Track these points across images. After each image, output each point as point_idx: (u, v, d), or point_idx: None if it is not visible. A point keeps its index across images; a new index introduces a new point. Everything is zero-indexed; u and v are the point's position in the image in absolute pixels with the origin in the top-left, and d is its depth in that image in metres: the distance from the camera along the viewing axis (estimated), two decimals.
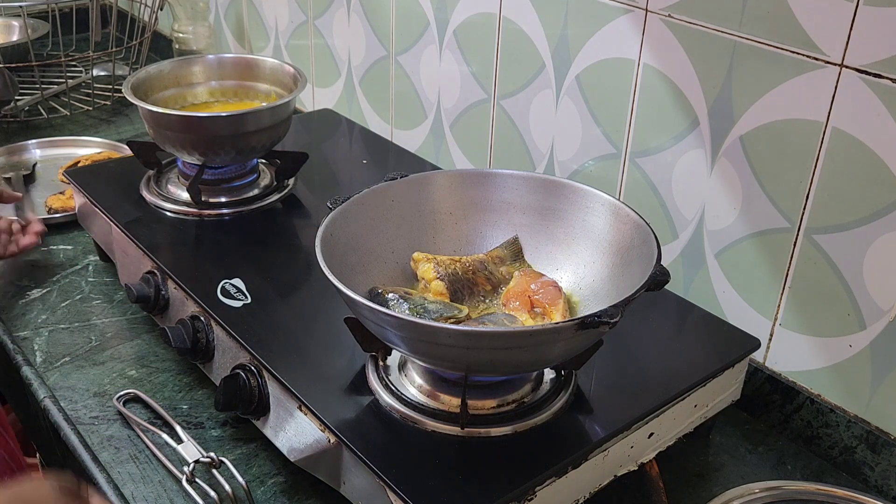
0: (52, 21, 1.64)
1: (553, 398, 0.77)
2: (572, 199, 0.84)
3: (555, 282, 0.80)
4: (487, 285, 0.83)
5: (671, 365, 0.83)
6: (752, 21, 0.84)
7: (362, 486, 0.71)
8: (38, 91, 1.61)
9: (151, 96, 1.13)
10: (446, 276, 0.81)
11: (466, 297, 0.81)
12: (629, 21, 0.95)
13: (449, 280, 0.81)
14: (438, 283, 0.80)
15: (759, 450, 0.90)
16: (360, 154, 1.26)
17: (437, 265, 0.81)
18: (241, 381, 0.80)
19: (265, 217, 1.06)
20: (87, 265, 1.15)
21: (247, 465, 0.83)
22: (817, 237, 0.84)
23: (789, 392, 0.90)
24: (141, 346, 1.00)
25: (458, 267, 0.82)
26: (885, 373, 0.83)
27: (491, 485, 0.67)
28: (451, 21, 1.19)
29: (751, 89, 0.86)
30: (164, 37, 1.82)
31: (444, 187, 0.87)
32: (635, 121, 0.99)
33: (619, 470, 0.77)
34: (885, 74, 0.75)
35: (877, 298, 0.81)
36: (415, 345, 0.71)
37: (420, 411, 0.74)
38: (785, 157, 0.85)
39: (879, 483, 0.85)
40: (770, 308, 0.91)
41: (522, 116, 1.13)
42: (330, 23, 1.43)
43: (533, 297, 0.79)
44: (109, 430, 0.87)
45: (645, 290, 0.69)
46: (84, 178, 1.12)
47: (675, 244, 0.99)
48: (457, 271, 0.82)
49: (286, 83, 1.16)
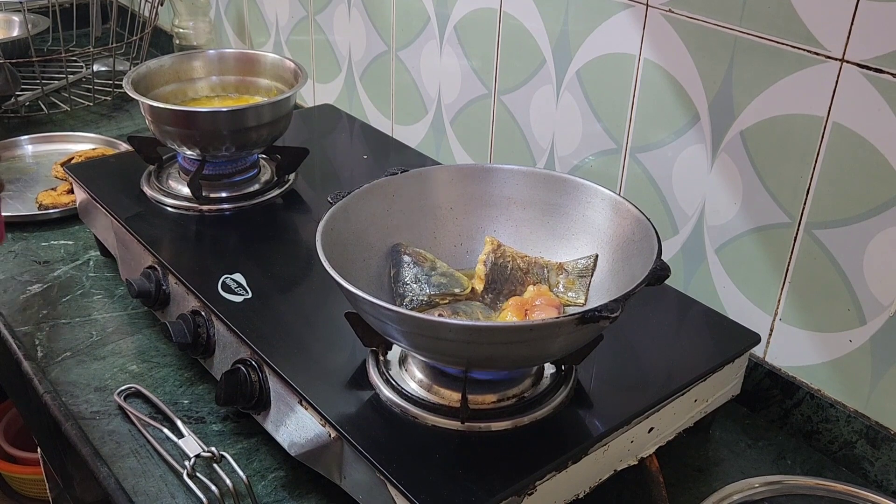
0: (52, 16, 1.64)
1: (553, 393, 0.77)
2: (573, 195, 0.84)
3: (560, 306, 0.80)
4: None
5: (671, 360, 0.83)
6: (752, 16, 0.84)
7: (363, 481, 0.71)
8: (38, 86, 1.61)
9: (152, 91, 1.13)
10: (493, 265, 0.83)
11: (503, 288, 0.82)
12: (630, 16, 0.95)
13: (492, 269, 0.82)
14: (481, 268, 0.83)
15: (759, 444, 0.90)
16: (360, 149, 1.26)
17: (493, 252, 0.83)
18: (242, 376, 0.80)
19: (266, 212, 1.06)
20: (87, 260, 1.15)
21: (247, 459, 0.83)
22: (817, 232, 0.84)
23: (789, 387, 0.90)
24: (142, 341, 1.00)
25: (512, 263, 0.83)
26: (885, 368, 0.83)
27: (491, 479, 0.67)
28: (452, 16, 1.19)
29: (751, 84, 0.86)
30: (165, 32, 1.82)
31: (445, 182, 0.87)
32: (636, 116, 0.99)
33: (619, 464, 0.77)
34: (886, 69, 0.75)
35: (877, 293, 0.81)
36: (415, 339, 0.71)
37: (420, 406, 0.74)
38: (785, 152, 0.85)
39: (879, 478, 0.85)
40: (770, 303, 0.91)
41: (523, 111, 1.13)
42: (330, 18, 1.43)
43: (530, 311, 0.79)
44: (110, 425, 0.87)
45: (645, 285, 0.69)
46: (85, 174, 1.12)
47: (676, 239, 0.99)
48: (506, 265, 0.83)
49: (287, 78, 1.16)
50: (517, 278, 0.83)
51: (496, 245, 0.84)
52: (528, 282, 0.83)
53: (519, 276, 0.83)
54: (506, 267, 0.83)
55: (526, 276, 0.83)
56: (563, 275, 0.83)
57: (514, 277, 0.83)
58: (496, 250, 0.84)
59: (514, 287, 0.83)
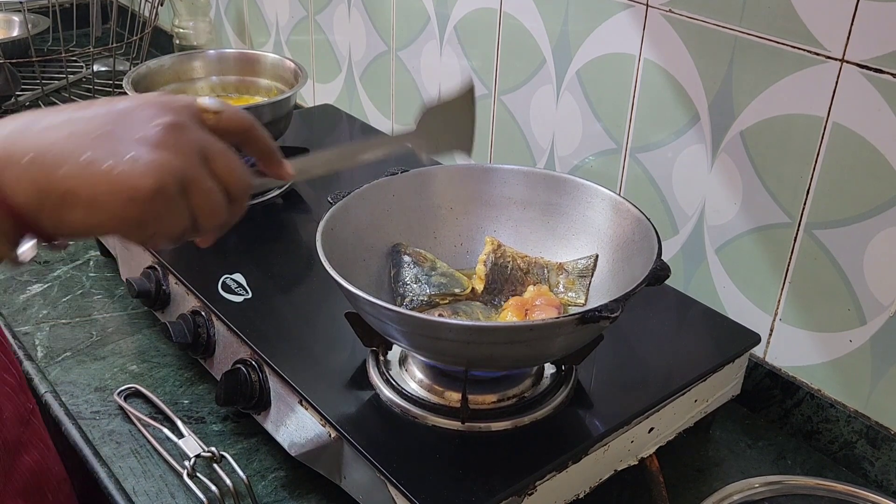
0: (52, 16, 1.64)
1: (553, 393, 0.77)
2: (573, 195, 0.84)
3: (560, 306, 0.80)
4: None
5: (671, 360, 0.83)
6: (752, 16, 0.84)
7: (363, 481, 0.71)
8: (38, 86, 1.61)
9: (152, 91, 1.13)
10: (493, 265, 0.83)
11: (503, 288, 0.83)
12: (630, 16, 0.95)
13: (492, 269, 0.83)
14: (481, 268, 0.83)
15: (759, 444, 0.90)
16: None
17: (493, 252, 0.83)
18: (242, 376, 0.80)
19: (266, 212, 1.06)
20: (87, 260, 1.15)
21: (248, 459, 0.83)
22: (818, 232, 0.84)
23: (789, 387, 0.90)
24: (142, 341, 1.00)
25: (512, 263, 0.83)
26: (886, 368, 0.83)
27: (491, 479, 0.67)
28: (452, 16, 1.19)
29: (751, 84, 0.86)
30: (165, 32, 1.82)
31: (445, 182, 0.87)
32: (636, 116, 0.99)
33: (620, 464, 0.77)
34: (886, 69, 0.75)
35: (877, 293, 0.81)
36: (415, 339, 0.71)
37: (420, 406, 0.74)
38: (785, 152, 0.85)
39: (879, 478, 0.85)
40: (770, 303, 0.91)
41: (523, 112, 1.13)
42: (330, 18, 1.43)
43: (530, 311, 0.79)
44: (110, 425, 0.87)
45: (645, 285, 0.69)
46: None
47: (676, 239, 0.99)
48: (506, 265, 0.83)
49: (287, 78, 1.16)
50: (517, 278, 0.83)
51: (496, 245, 0.84)
52: (528, 282, 0.83)
53: (519, 276, 0.83)
54: (506, 267, 0.83)
55: (526, 277, 0.83)
56: (563, 275, 0.83)
57: (514, 277, 0.83)
58: (496, 250, 0.84)
59: (514, 287, 0.83)
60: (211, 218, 0.49)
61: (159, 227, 0.47)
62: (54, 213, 0.45)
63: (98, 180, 0.44)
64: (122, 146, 0.45)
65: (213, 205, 0.49)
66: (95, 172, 0.44)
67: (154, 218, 0.46)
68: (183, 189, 0.47)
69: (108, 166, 0.44)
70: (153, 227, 0.47)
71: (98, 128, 0.45)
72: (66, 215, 0.45)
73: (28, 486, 0.75)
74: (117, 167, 0.44)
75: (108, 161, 0.44)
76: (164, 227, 0.47)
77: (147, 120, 0.46)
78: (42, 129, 0.45)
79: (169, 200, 0.46)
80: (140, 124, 0.46)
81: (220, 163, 0.49)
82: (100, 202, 0.44)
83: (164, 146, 0.46)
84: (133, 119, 0.46)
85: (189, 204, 0.48)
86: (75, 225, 0.46)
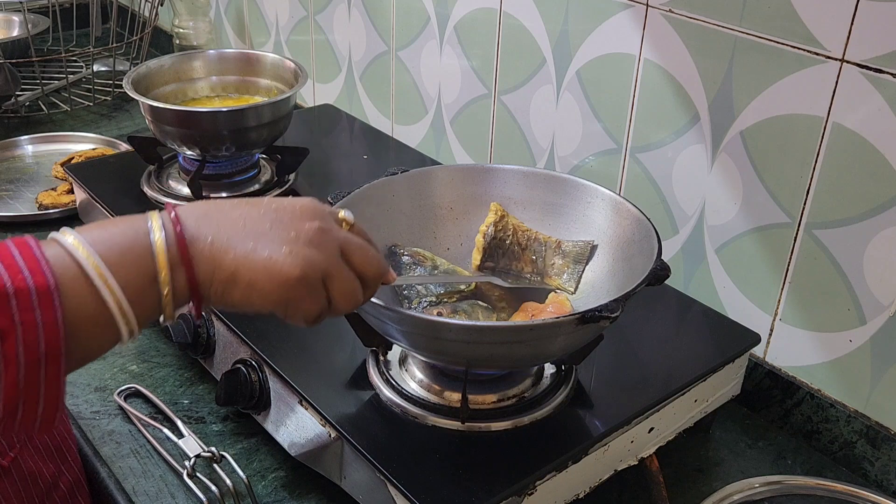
0: (52, 16, 1.64)
1: (553, 393, 0.77)
2: (573, 195, 0.84)
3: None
4: (529, 266, 0.84)
5: (671, 360, 0.83)
6: (752, 16, 0.84)
7: (363, 481, 0.71)
8: (38, 86, 1.61)
9: (152, 91, 1.13)
10: (492, 236, 0.83)
11: (499, 262, 0.84)
12: (630, 16, 0.95)
13: (490, 241, 0.83)
14: (480, 239, 0.84)
15: (759, 445, 0.90)
16: (360, 149, 1.26)
17: (495, 224, 0.84)
18: (242, 376, 0.80)
19: None
20: None
21: (247, 459, 0.83)
22: (817, 232, 0.84)
23: (789, 387, 0.90)
24: (142, 341, 1.00)
25: (512, 237, 0.84)
26: (885, 368, 0.83)
27: (491, 479, 0.67)
28: (452, 16, 1.19)
29: (751, 84, 0.86)
30: (165, 32, 1.82)
31: (445, 182, 0.87)
32: (636, 116, 0.99)
33: (620, 464, 0.77)
34: (886, 69, 0.75)
35: (877, 293, 0.81)
36: (416, 339, 0.71)
37: (421, 406, 0.74)
38: (785, 152, 0.85)
39: (879, 478, 0.85)
40: (770, 303, 0.91)
41: (523, 111, 1.13)
42: (330, 18, 1.43)
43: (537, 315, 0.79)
44: (111, 425, 0.87)
45: (645, 285, 0.69)
46: (85, 174, 1.12)
47: (676, 239, 0.99)
48: (505, 239, 0.83)
49: (287, 78, 1.16)
50: (514, 253, 0.83)
51: (500, 216, 0.84)
52: (524, 258, 0.83)
53: (516, 251, 0.83)
54: (504, 241, 0.83)
55: (523, 252, 0.83)
56: (559, 255, 0.83)
57: (511, 253, 0.83)
58: (498, 222, 0.83)
59: (509, 262, 0.83)
60: (346, 300, 0.59)
61: (301, 306, 0.57)
62: (220, 287, 0.55)
63: (257, 266, 0.55)
64: (279, 242, 0.56)
65: (348, 290, 0.59)
66: (256, 260, 0.55)
67: (298, 299, 0.57)
68: (324, 278, 0.57)
69: (266, 256, 0.55)
70: (296, 306, 0.57)
71: (263, 225, 0.56)
72: (229, 290, 0.55)
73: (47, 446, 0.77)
74: (272, 258, 0.55)
75: (266, 252, 0.55)
76: (306, 307, 0.57)
77: (301, 222, 0.57)
78: (221, 219, 0.56)
79: (311, 287, 0.57)
80: (295, 225, 0.57)
81: (356, 255, 0.60)
82: (256, 284, 0.55)
83: (312, 244, 0.57)
84: (290, 221, 0.57)
85: (328, 290, 0.58)
86: (234, 299, 0.56)
